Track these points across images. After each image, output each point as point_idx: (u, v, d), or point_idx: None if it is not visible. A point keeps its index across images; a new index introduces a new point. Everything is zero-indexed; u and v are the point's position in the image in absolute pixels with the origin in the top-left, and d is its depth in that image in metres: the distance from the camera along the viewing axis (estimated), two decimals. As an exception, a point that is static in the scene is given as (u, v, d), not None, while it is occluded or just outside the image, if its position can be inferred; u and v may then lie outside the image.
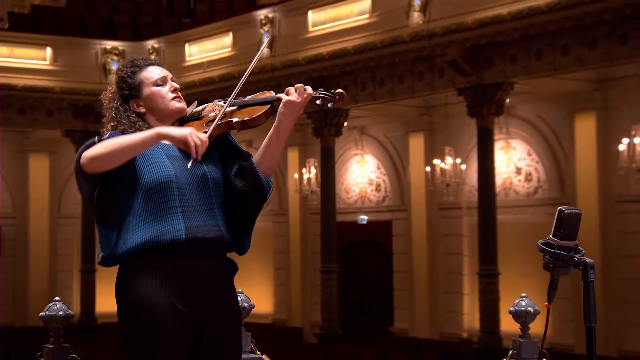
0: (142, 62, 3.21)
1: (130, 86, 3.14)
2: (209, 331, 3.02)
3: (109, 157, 2.85)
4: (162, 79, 3.17)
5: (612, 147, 13.32)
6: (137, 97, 3.14)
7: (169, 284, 2.94)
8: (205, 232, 2.99)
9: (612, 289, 13.42)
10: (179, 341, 2.95)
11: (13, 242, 20.06)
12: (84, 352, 11.81)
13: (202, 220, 3.00)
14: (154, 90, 3.14)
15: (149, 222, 2.95)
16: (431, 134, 16.41)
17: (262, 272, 18.76)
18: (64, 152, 19.77)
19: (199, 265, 2.99)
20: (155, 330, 2.91)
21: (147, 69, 3.18)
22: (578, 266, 2.79)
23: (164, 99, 3.14)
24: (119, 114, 3.11)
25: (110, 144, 2.87)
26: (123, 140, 2.88)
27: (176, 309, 2.94)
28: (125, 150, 2.86)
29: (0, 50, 17.64)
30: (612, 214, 13.65)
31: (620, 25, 11.41)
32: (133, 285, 2.94)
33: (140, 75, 3.16)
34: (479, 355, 12.69)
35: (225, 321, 3.06)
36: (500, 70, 12.89)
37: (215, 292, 3.03)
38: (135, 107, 3.13)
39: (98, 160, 2.85)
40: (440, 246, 16.31)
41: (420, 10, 13.29)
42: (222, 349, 3.06)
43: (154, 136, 2.89)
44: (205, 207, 3.03)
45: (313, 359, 12.97)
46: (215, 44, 17.21)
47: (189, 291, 2.97)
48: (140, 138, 2.88)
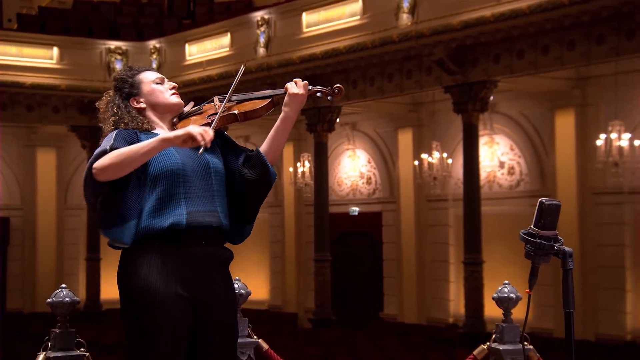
0: (139, 67, 3.25)
1: (131, 85, 3.15)
2: (207, 315, 3.02)
3: (120, 167, 2.86)
4: (160, 79, 3.20)
5: (590, 142, 13.34)
6: (137, 94, 3.14)
7: (170, 270, 2.95)
8: (205, 217, 3.00)
9: (590, 277, 13.46)
10: (179, 325, 2.95)
11: (22, 232, 20.05)
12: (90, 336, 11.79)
13: (203, 206, 3.01)
14: (153, 86, 3.16)
15: (154, 207, 2.96)
16: (419, 129, 16.41)
17: (259, 260, 18.78)
18: (70, 146, 19.76)
19: (198, 253, 3.00)
20: (155, 315, 2.91)
21: (145, 72, 3.22)
22: (557, 255, 2.80)
23: (163, 94, 3.16)
24: (120, 110, 3.11)
25: (120, 154, 2.86)
26: (131, 150, 2.87)
27: (176, 294, 2.94)
28: (135, 160, 2.87)
29: (9, 49, 17.60)
30: (589, 205, 13.68)
31: (597, 26, 11.42)
32: (136, 271, 2.94)
33: (139, 76, 3.19)
34: (464, 339, 12.71)
35: (222, 306, 3.07)
36: (484, 69, 12.90)
37: (213, 278, 3.04)
38: (135, 103, 3.14)
39: (110, 170, 2.86)
40: (427, 236, 16.33)
41: (409, 12, 13.29)
42: (219, 332, 3.06)
43: (159, 143, 2.88)
44: (207, 194, 3.04)
45: (307, 344, 12.98)
46: (214, 44, 17.18)
47: (188, 277, 2.97)
48: (147, 147, 2.87)
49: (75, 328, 3.37)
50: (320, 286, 15.58)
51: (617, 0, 10.81)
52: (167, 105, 3.16)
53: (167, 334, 2.93)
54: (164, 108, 3.16)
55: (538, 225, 2.80)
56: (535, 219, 2.80)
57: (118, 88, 3.17)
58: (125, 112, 3.10)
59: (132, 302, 2.95)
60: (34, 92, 17.54)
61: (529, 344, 3.45)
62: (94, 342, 12.93)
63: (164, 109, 3.16)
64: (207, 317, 3.02)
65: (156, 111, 3.15)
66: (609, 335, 13.17)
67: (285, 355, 3.94)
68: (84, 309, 18.01)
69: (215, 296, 3.04)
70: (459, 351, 10.84)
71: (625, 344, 12.83)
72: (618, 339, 13.03)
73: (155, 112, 3.15)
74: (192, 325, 3.00)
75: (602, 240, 13.55)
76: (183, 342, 2.97)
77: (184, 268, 2.97)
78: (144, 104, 3.14)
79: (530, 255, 2.82)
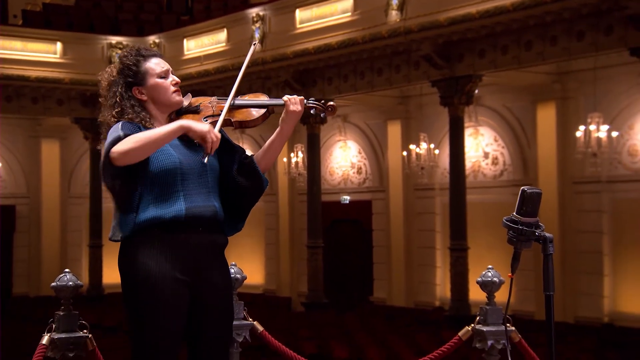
0: (146, 52, 3.14)
1: (135, 74, 3.08)
2: (204, 298, 3.03)
3: (140, 151, 2.85)
4: (165, 72, 3.12)
5: (570, 133, 13.36)
6: (141, 85, 3.09)
7: (169, 255, 2.95)
8: (203, 212, 3.01)
9: (569, 261, 13.51)
10: (177, 307, 2.96)
11: (27, 220, 20.01)
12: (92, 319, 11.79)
13: (201, 201, 3.01)
14: (158, 81, 3.09)
15: (155, 203, 2.95)
16: (407, 121, 16.42)
17: (254, 246, 18.78)
18: (73, 137, 19.72)
19: (195, 239, 3.00)
20: (156, 298, 2.92)
21: (151, 60, 3.13)
22: (538, 240, 2.80)
23: (166, 91, 3.10)
24: (122, 101, 3.06)
25: (139, 139, 2.85)
26: (151, 135, 2.87)
27: (175, 278, 2.95)
28: (154, 144, 2.87)
29: (15, 44, 17.55)
30: (569, 193, 13.71)
31: (577, 23, 11.43)
32: (137, 256, 2.95)
33: (144, 65, 3.10)
34: (449, 321, 12.75)
35: (218, 289, 3.08)
36: (469, 64, 12.90)
37: (209, 263, 3.05)
38: (137, 94, 3.08)
39: (129, 154, 2.84)
40: (415, 223, 16.35)
41: (398, 9, 13.27)
42: (216, 314, 3.07)
43: (178, 129, 2.89)
44: (204, 190, 3.04)
45: (300, 326, 13.00)
46: (211, 39, 17.14)
47: (186, 262, 2.98)
48: (166, 132, 2.88)
49: (79, 311, 3.36)
50: (313, 271, 15.60)
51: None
52: (168, 103, 3.12)
53: (167, 316, 2.93)
54: (165, 105, 3.12)
55: (520, 213, 2.80)
56: (517, 207, 2.81)
57: (122, 72, 3.09)
58: (128, 105, 3.05)
59: (133, 286, 2.96)
60: (38, 85, 17.50)
61: (511, 325, 3.46)
62: (96, 324, 12.94)
63: (164, 105, 3.12)
64: (204, 300, 3.03)
65: (156, 105, 3.10)
66: (588, 317, 13.23)
67: (279, 337, 3.95)
68: (86, 293, 18.02)
69: (211, 280, 3.05)
70: (445, 333, 10.87)
71: (603, 326, 12.88)
72: (596, 321, 13.08)
73: (155, 105, 3.10)
74: (190, 307, 3.00)
75: (581, 227, 13.59)
76: (181, 323, 2.98)
77: (181, 254, 2.97)
78: (146, 97, 3.09)
79: (513, 241, 2.82)
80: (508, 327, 3.38)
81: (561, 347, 9.88)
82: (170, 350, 2.95)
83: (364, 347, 10.52)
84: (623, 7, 10.59)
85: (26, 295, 19.44)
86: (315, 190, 15.57)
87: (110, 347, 10.29)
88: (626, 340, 11.28)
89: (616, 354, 10.11)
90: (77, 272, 15.68)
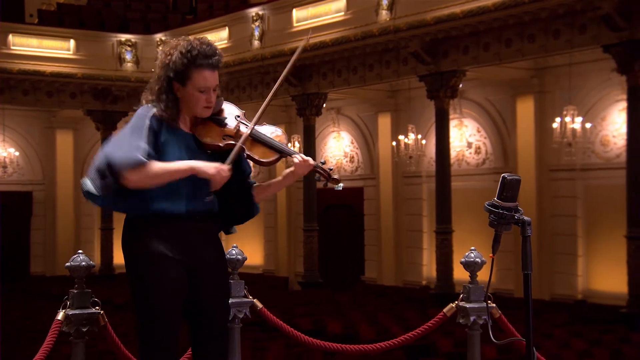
0: (203, 60, 2.97)
1: (182, 73, 2.97)
2: (200, 273, 3.05)
3: (149, 186, 2.89)
4: (206, 89, 3.00)
5: (547, 125, 13.37)
6: (182, 84, 2.98)
7: (169, 240, 2.98)
8: (202, 210, 3.04)
9: (546, 243, 13.54)
10: (177, 285, 2.98)
11: (43, 205, 19.99)
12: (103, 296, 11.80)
13: (202, 205, 3.03)
14: (194, 93, 2.99)
15: (161, 199, 2.95)
16: (396, 114, 16.40)
17: (254, 230, 18.78)
18: (86, 128, 19.69)
19: (192, 225, 3.03)
20: (157, 276, 2.95)
21: (202, 72, 2.97)
22: (517, 223, 2.80)
23: (197, 104, 3.01)
24: (161, 92, 2.99)
25: (154, 176, 2.86)
26: (162, 174, 2.88)
27: (174, 259, 2.97)
28: (163, 181, 2.90)
29: (31, 41, 17.49)
30: (546, 180, 13.73)
31: (554, 22, 11.42)
32: (139, 239, 2.97)
33: (192, 73, 2.97)
34: (435, 299, 12.77)
35: (214, 268, 3.10)
36: (454, 60, 12.88)
37: (204, 244, 3.07)
38: (175, 89, 3.00)
39: (140, 185, 2.87)
40: (403, 208, 16.36)
41: (388, 9, 13.24)
42: (212, 290, 3.09)
43: (188, 170, 2.91)
44: (205, 195, 3.04)
45: (297, 303, 13.01)
46: (213, 37, 17.05)
47: (184, 245, 3.00)
48: (176, 172, 2.90)
49: (91, 289, 3.36)
50: (309, 253, 15.61)
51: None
52: (195, 114, 3.05)
53: (168, 293, 2.96)
54: (193, 113, 3.05)
55: (501, 198, 2.80)
56: (498, 192, 2.80)
57: (174, 64, 2.96)
58: (164, 98, 2.97)
59: (135, 265, 2.98)
60: (53, 79, 17.46)
61: (492, 302, 3.46)
62: (107, 301, 12.94)
63: (192, 113, 3.05)
64: (200, 275, 3.05)
65: (186, 107, 3.03)
66: (562, 294, 13.27)
67: (277, 314, 3.95)
68: (98, 273, 18.03)
69: (205, 257, 3.06)
70: (431, 309, 10.90)
71: (576, 302, 12.93)
72: (570, 298, 13.13)
73: (185, 107, 3.03)
74: (189, 285, 3.02)
75: (556, 211, 13.61)
76: (181, 301, 3.00)
77: (180, 238, 3.00)
78: (180, 96, 3.00)
79: (494, 224, 2.82)
80: (489, 304, 3.38)
81: (538, 322, 9.91)
82: (172, 325, 2.97)
83: (356, 323, 10.54)
84: (596, 8, 10.58)
85: (43, 274, 19.45)
86: (311, 177, 15.53)
87: (120, 323, 10.30)
88: (598, 315, 11.33)
89: (588, 328, 10.15)
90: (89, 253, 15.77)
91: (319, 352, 8.00)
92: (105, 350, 7.66)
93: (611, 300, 11.93)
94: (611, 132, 12.91)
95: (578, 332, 9.77)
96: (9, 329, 11.21)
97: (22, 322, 11.82)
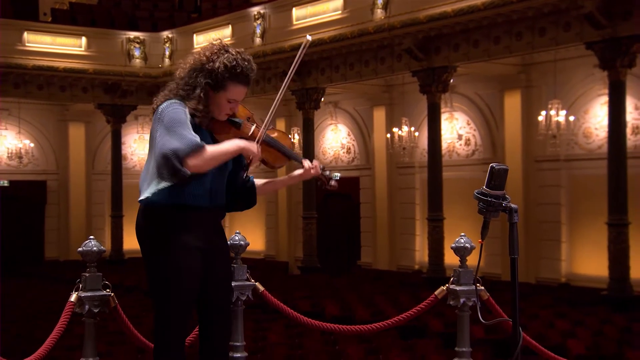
0: (243, 78, 3.03)
1: (218, 82, 2.99)
2: (213, 261, 3.08)
3: (208, 167, 2.92)
4: (235, 101, 3.06)
5: (533, 118, 13.36)
6: (215, 91, 3.01)
7: (192, 230, 3.00)
8: (219, 203, 3.10)
9: (532, 229, 13.56)
10: (195, 272, 3.00)
11: (57, 193, 19.98)
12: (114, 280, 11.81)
13: (219, 199, 3.09)
14: (223, 102, 3.03)
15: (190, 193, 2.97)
16: (391, 107, 16.39)
17: (256, 217, 18.80)
18: (97, 121, 19.66)
19: (210, 216, 3.08)
20: (179, 265, 2.96)
21: (237, 86, 3.02)
22: (505, 211, 2.80)
23: (222, 111, 3.05)
24: (196, 89, 2.99)
25: (214, 158, 2.91)
26: (219, 155, 2.93)
27: (194, 247, 2.99)
28: (219, 162, 2.96)
29: (45, 39, 17.47)
30: (532, 170, 13.74)
31: (540, 20, 11.40)
32: (163, 228, 2.97)
33: (228, 84, 3.00)
34: (427, 282, 12.80)
35: (223, 252, 3.15)
36: (445, 56, 12.86)
37: (216, 232, 3.13)
38: (208, 93, 3.02)
39: (202, 169, 2.89)
40: (397, 197, 16.37)
41: (383, 8, 13.21)
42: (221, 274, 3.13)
43: (237, 150, 2.98)
44: (221, 188, 3.11)
45: (296, 287, 13.04)
46: (217, 34, 17.00)
47: (203, 234, 3.03)
48: (229, 153, 2.96)
49: (102, 273, 3.36)
50: (308, 239, 15.62)
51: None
52: (215, 117, 3.08)
53: (186, 279, 2.97)
54: (213, 116, 3.08)
55: (489, 186, 2.80)
56: (487, 181, 2.81)
57: (213, 72, 2.99)
58: (197, 96, 2.98)
59: (157, 252, 2.98)
60: (66, 75, 17.43)
61: (481, 285, 3.47)
62: (118, 284, 12.98)
63: (212, 116, 3.07)
64: (211, 263, 3.08)
65: (210, 111, 3.05)
66: (547, 278, 13.31)
67: (278, 296, 3.95)
68: (109, 258, 18.05)
69: (218, 245, 3.12)
70: (423, 292, 10.91)
71: (560, 285, 12.96)
72: (554, 281, 13.16)
73: (210, 110, 3.05)
74: (203, 270, 3.04)
75: (542, 200, 13.63)
76: (196, 285, 3.02)
77: (200, 227, 3.02)
78: (210, 101, 3.02)
79: (483, 211, 2.82)
80: (478, 286, 3.39)
81: (523, 304, 9.94)
82: (187, 308, 3.01)
83: (353, 305, 10.56)
84: (580, 7, 10.57)
85: (57, 259, 19.46)
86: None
87: (130, 305, 10.32)
88: (580, 298, 11.35)
89: (571, 309, 10.18)
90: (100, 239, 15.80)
91: (317, 332, 8.02)
92: (115, 330, 7.67)
93: (593, 283, 11.96)
94: (593, 125, 12.92)
95: (562, 313, 9.79)
96: (26, 310, 11.23)
97: (38, 303, 11.84)
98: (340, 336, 7.88)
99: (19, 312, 11.02)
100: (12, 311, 11.08)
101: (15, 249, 18.76)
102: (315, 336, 8.18)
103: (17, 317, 10.31)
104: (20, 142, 18.90)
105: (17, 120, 19.12)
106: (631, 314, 9.66)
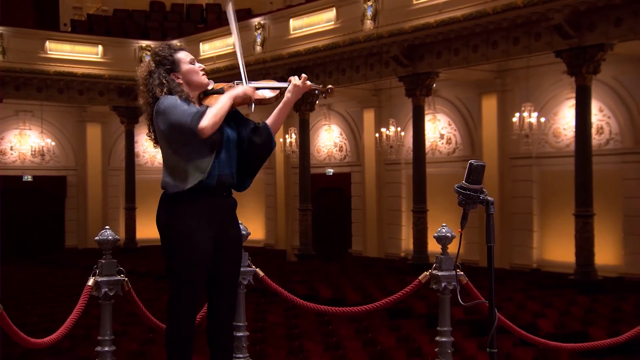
0: (175, 46, 3.13)
1: (172, 63, 3.04)
2: (224, 247, 3.06)
3: (218, 124, 2.90)
4: (192, 60, 3.11)
5: (508, 119, 13.37)
6: (177, 71, 3.05)
7: (204, 217, 2.98)
8: (227, 179, 3.03)
9: (506, 220, 13.57)
10: (205, 256, 2.99)
11: (76, 188, 19.94)
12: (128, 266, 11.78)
13: (226, 169, 3.03)
14: (190, 66, 3.07)
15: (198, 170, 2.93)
16: (379, 109, 16.38)
17: (256, 209, 18.79)
18: (112, 122, 19.61)
19: (222, 201, 3.05)
20: (193, 248, 2.95)
21: (180, 52, 3.10)
22: (482, 203, 2.81)
23: (197, 74, 3.08)
24: (167, 82, 3.01)
25: (217, 114, 2.89)
26: (220, 110, 2.91)
27: (206, 233, 2.98)
28: (223, 115, 2.93)
29: (65, 47, 17.43)
30: (507, 167, 13.75)
31: (514, 31, 11.40)
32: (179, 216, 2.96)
33: (176, 56, 3.07)
34: (412, 268, 12.81)
35: (234, 240, 3.13)
36: (429, 63, 12.85)
37: (228, 220, 3.09)
38: (174, 78, 3.05)
39: (214, 126, 2.88)
40: (385, 191, 16.37)
41: (372, 19, 13.19)
42: (230, 260, 3.12)
43: (228, 101, 2.97)
44: (228, 160, 3.04)
45: (293, 272, 13.04)
46: (221, 42, 17.00)
47: (214, 220, 3.01)
48: (228, 104, 2.96)
49: (117, 259, 3.36)
50: (304, 229, 15.62)
51: (528, 10, 10.79)
52: (200, 84, 3.09)
53: (196, 264, 2.96)
54: (197, 86, 3.09)
55: (468, 181, 2.80)
56: (466, 176, 2.81)
57: (160, 63, 3.04)
58: (174, 85, 3.01)
59: (173, 238, 2.97)
60: (84, 80, 17.42)
61: (460, 271, 3.48)
62: (131, 270, 12.94)
63: (196, 86, 3.09)
64: (223, 249, 3.06)
65: (190, 87, 3.06)
66: (520, 264, 13.33)
67: (276, 281, 3.95)
68: (123, 246, 18.04)
69: (229, 233, 3.09)
70: (408, 277, 10.91)
71: (531, 270, 12.99)
72: (526, 267, 13.19)
73: (189, 87, 3.06)
74: (213, 255, 3.03)
75: (515, 193, 13.65)
76: (208, 267, 3.01)
77: (212, 214, 3.00)
78: (182, 80, 3.05)
79: (462, 204, 2.83)
80: (458, 272, 3.39)
81: (499, 287, 9.96)
82: (197, 289, 3.01)
83: (344, 289, 10.56)
84: (550, 18, 10.58)
85: (76, 247, 19.43)
86: (305, 164, 15.55)
87: (142, 289, 10.31)
88: (550, 282, 11.39)
89: (541, 292, 10.20)
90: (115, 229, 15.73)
91: (312, 313, 8.02)
92: (129, 311, 7.67)
93: (561, 269, 11.99)
94: (562, 126, 12.93)
95: (533, 295, 9.81)
96: (48, 292, 11.21)
97: (59, 287, 11.82)
98: (333, 317, 7.89)
99: (42, 294, 11.01)
100: (36, 294, 11.07)
101: (38, 238, 18.88)
102: (310, 317, 8.18)
103: (41, 299, 10.30)
104: (42, 141, 18.86)
105: (40, 121, 19.07)
106: (595, 296, 9.69)
